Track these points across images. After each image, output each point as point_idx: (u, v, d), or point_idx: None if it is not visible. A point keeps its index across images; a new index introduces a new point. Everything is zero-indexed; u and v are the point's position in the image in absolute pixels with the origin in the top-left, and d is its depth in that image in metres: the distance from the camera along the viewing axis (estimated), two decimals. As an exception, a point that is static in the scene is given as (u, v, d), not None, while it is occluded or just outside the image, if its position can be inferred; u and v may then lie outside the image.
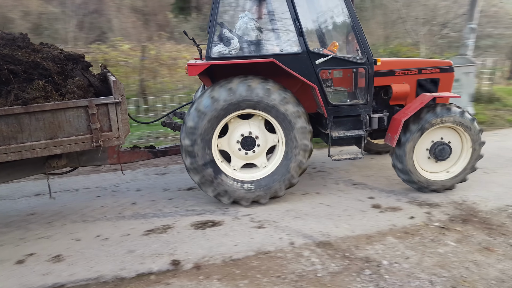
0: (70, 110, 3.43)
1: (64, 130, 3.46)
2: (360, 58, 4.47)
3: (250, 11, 4.53)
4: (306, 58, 4.29)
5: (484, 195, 4.70)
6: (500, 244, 3.60)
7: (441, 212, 4.26)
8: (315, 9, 4.87)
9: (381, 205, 4.43)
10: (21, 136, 3.31)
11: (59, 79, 3.56)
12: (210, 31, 4.11)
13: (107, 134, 3.61)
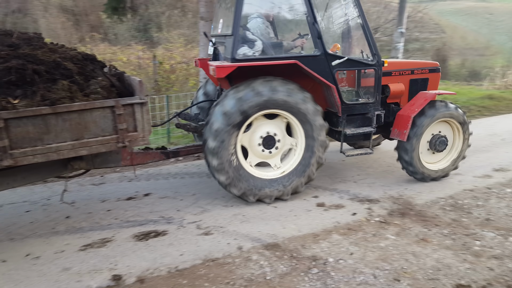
0: (97, 110, 3.34)
1: (90, 131, 3.37)
2: (371, 60, 4.74)
3: (262, 12, 4.68)
4: (324, 59, 4.49)
5: (418, 189, 4.99)
6: (435, 235, 3.83)
7: (380, 207, 4.45)
8: (327, 13, 5.00)
9: (325, 204, 4.52)
10: (47, 137, 3.19)
11: (80, 79, 3.47)
12: (235, 33, 4.16)
13: (132, 134, 3.56)
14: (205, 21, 7.16)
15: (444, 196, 4.74)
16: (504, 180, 5.25)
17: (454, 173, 5.50)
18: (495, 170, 5.65)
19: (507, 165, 5.85)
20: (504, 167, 5.74)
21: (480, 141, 7.11)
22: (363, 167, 5.85)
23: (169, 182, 5.25)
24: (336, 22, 5.00)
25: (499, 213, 4.27)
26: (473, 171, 5.59)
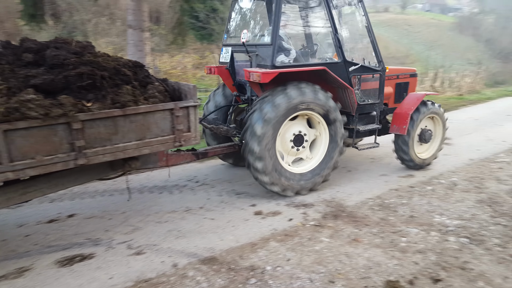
0: (159, 112, 3.66)
1: (152, 131, 3.66)
2: (378, 66, 5.47)
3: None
4: (343, 66, 5.10)
5: (349, 191, 5.20)
6: (365, 234, 3.99)
7: (315, 211, 4.55)
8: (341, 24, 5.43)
9: (262, 211, 4.53)
10: (115, 138, 3.44)
11: (137, 84, 3.72)
12: (274, 43, 4.60)
13: (187, 134, 3.89)
14: (133, 29, 6.92)
15: (372, 197, 4.98)
16: (424, 178, 5.66)
17: (380, 174, 5.84)
18: (417, 169, 6.08)
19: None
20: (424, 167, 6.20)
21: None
22: (298, 173, 5.97)
23: (96, 200, 4.91)
24: (347, 34, 5.49)
25: (421, 210, 4.58)
26: (397, 171, 5.95)
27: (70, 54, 3.50)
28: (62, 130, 3.16)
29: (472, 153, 7.00)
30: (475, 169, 6.11)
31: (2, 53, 3.55)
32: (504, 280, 3.18)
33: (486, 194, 5.04)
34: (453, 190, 5.20)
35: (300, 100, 4.64)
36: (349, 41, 5.44)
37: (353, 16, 5.49)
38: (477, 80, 20.53)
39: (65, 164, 3.24)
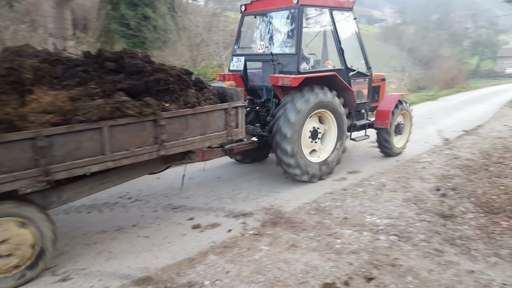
0: (217, 111, 4.31)
1: (211, 127, 4.29)
2: (367, 72, 6.63)
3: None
4: (345, 71, 6.11)
5: (287, 197, 5.28)
6: (303, 239, 4.06)
7: (254, 220, 4.55)
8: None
9: (201, 225, 4.43)
10: (185, 133, 4.03)
11: (196, 88, 4.33)
12: (298, 52, 5.50)
13: (235, 130, 4.55)
14: (55, 38, 6.50)
15: (309, 201, 5.10)
16: (356, 181, 5.93)
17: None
18: (349, 172, 6.36)
19: (358, 167, 6.64)
20: (356, 170, 6.50)
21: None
22: (237, 182, 5.96)
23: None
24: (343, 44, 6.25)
25: (354, 211, 4.77)
26: (331, 175, 6.16)
27: (145, 63, 4.08)
28: (149, 126, 3.74)
29: (399, 155, 7.47)
30: (401, 169, 6.52)
31: (85, 62, 4.01)
32: (429, 273, 3.39)
33: (412, 193, 5.39)
34: (382, 190, 5.49)
35: (319, 100, 5.53)
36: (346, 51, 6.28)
37: (348, 30, 6.46)
38: (401, 86, 22.12)
39: (150, 155, 3.81)
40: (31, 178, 3.08)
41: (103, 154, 3.44)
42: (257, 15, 6.60)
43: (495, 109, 15.16)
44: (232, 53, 6.67)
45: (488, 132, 10.07)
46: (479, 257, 3.66)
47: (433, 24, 46.19)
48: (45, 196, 3.50)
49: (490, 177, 6.01)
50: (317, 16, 6.00)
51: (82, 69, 3.87)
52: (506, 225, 4.31)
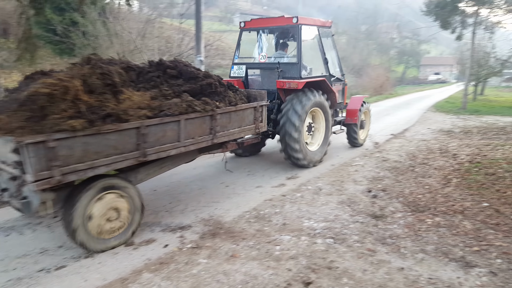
0: (249, 109, 5.49)
1: (245, 122, 5.43)
2: (342, 78, 8.24)
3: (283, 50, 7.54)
4: (329, 77, 7.49)
5: (227, 206, 5.22)
6: (243, 248, 4.02)
7: (192, 233, 4.42)
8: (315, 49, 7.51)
9: (134, 242, 4.20)
10: (229, 125, 5.16)
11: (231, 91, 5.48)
12: (299, 61, 6.71)
13: (261, 124, 5.76)
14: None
15: (249, 209, 5.09)
16: (294, 186, 6.04)
17: (256, 186, 6.04)
18: (288, 178, 6.47)
19: (296, 173, 6.78)
20: (294, 175, 6.63)
21: (275, 155, 8.05)
22: (175, 193, 5.78)
23: None
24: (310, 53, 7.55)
25: (293, 216, 4.84)
26: (270, 181, 6.23)
27: (196, 70, 5.16)
28: (208, 120, 4.79)
29: (334, 159, 7.76)
30: (336, 173, 6.77)
31: (151, 69, 4.96)
32: (363, 273, 3.52)
33: (346, 195, 5.60)
34: (318, 194, 5.64)
35: (316, 99, 6.83)
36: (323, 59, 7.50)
37: (328, 44, 7.79)
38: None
39: (206, 142, 4.87)
40: (134, 159, 4.01)
41: (178, 141, 4.46)
42: (258, 31, 7.62)
43: (419, 114, 16.42)
44: (233, 62, 7.67)
45: (413, 135, 10.85)
46: (408, 254, 3.88)
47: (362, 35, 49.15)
48: (127, 176, 4.30)
49: (416, 178, 6.44)
50: (308, 32, 7.15)
51: (153, 75, 4.87)
52: (431, 222, 4.62)
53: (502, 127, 12.45)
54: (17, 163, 3.27)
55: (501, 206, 5.06)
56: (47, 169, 3.29)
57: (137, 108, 4.03)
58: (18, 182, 3.48)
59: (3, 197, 3.79)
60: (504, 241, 4.12)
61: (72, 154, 3.46)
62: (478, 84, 26.01)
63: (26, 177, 3.26)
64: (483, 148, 8.68)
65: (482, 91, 30.14)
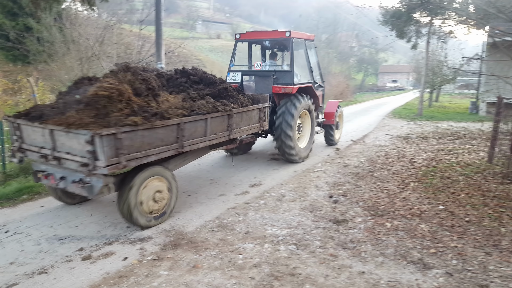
0: (256, 109, 6.48)
1: (252, 120, 6.42)
2: (323, 84, 9.29)
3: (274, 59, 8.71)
4: (313, 83, 8.44)
5: (189, 216, 5.13)
6: (205, 259, 3.95)
7: (153, 244, 4.30)
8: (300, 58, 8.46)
9: (92, 255, 4.03)
10: (240, 124, 6.06)
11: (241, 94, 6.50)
12: (292, 70, 7.68)
13: (264, 123, 6.70)
14: None
15: (212, 218, 5.02)
16: (258, 193, 6.04)
17: (219, 194, 5.99)
18: (251, 186, 6.46)
19: (260, 180, 6.79)
20: (257, 182, 6.64)
21: (239, 161, 8.03)
22: (135, 204, 5.60)
23: None
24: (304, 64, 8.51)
25: (256, 224, 4.82)
26: (234, 189, 6.20)
27: (213, 76, 6.18)
28: (226, 118, 5.61)
29: (296, 165, 7.85)
30: (298, 179, 6.84)
31: (177, 76, 5.98)
32: (325, 279, 3.55)
33: (308, 201, 5.67)
34: (282, 201, 5.67)
35: (306, 102, 7.88)
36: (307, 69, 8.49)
37: (312, 55, 8.80)
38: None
39: (224, 137, 5.69)
40: (174, 150, 4.81)
41: (205, 136, 5.29)
42: (251, 43, 8.72)
43: (378, 120, 16.98)
44: (228, 69, 8.40)
45: (372, 141, 11.20)
46: (368, 258, 3.96)
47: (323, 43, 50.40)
48: (164, 165, 5.01)
49: (375, 182, 6.63)
50: (297, 45, 8.10)
51: (181, 80, 5.86)
52: (390, 225, 4.77)
53: (456, 132, 13.13)
54: (89, 152, 3.92)
55: (456, 208, 5.30)
56: (115, 156, 4.05)
57: (175, 108, 4.89)
58: (88, 168, 4.03)
59: (59, 184, 4.58)
60: (459, 242, 4.31)
61: (132, 144, 4.23)
62: (433, 91, 27.31)
63: (99, 163, 3.95)
64: (438, 153, 9.11)
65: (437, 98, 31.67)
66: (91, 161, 3.96)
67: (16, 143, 4.80)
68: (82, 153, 4.04)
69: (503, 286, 3.44)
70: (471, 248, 4.16)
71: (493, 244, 4.26)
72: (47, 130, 4.25)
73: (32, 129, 4.52)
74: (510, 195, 5.61)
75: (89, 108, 4.20)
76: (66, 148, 4.20)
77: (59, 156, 4.31)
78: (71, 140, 4.09)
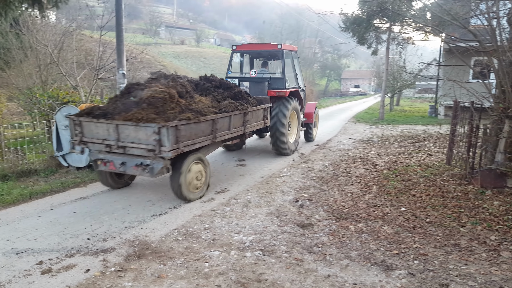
0: (261, 109, 8.03)
1: (258, 118, 7.94)
2: (304, 89, 10.77)
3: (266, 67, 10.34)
4: (298, 88, 9.98)
5: (154, 225, 5.02)
6: (170, 268, 3.88)
7: (116, 255, 4.17)
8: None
9: (52, 268, 3.86)
10: (251, 120, 7.49)
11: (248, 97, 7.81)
12: (284, 76, 9.27)
13: (267, 120, 8.38)
14: None
15: (177, 227, 4.94)
16: (224, 200, 6.01)
17: (184, 202, 5.89)
18: (217, 192, 6.43)
19: (226, 186, 6.76)
20: (223, 189, 6.61)
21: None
22: (97, 214, 5.43)
23: None
24: (289, 71, 9.80)
25: (222, 231, 4.79)
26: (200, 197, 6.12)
27: (229, 82, 7.67)
28: (243, 116, 7.12)
29: (262, 171, 7.90)
30: (265, 185, 6.88)
31: (202, 81, 7.28)
32: (292, 284, 3.58)
33: (274, 206, 5.70)
34: (248, 207, 5.68)
35: (294, 104, 9.44)
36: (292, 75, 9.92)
37: (297, 63, 10.35)
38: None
39: (241, 131, 7.17)
40: (210, 140, 6.13)
41: (229, 129, 6.67)
42: (246, 53, 10.31)
43: (341, 125, 17.41)
44: (226, 77, 9.65)
45: (336, 145, 11.46)
46: (333, 261, 4.03)
47: (288, 49, 51.13)
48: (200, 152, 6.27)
49: (339, 186, 6.78)
50: (286, 55, 9.55)
51: (208, 85, 7.13)
52: (354, 228, 4.88)
53: (416, 135, 13.67)
54: (156, 140, 5.15)
55: (417, 209, 5.51)
56: (176, 143, 5.31)
57: (208, 107, 6.18)
58: (154, 153, 5.25)
59: (120, 169, 5.73)
60: (421, 243, 4.47)
61: (185, 134, 5.50)
62: (394, 96, 28.36)
63: (164, 148, 5.18)
64: (399, 156, 9.44)
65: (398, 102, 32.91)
66: (157, 147, 5.18)
67: (76, 137, 5.83)
68: (148, 142, 5.26)
69: (463, 284, 3.59)
70: (432, 248, 4.32)
71: (453, 244, 4.45)
72: (113, 125, 5.40)
73: (95, 125, 5.61)
74: (467, 195, 5.87)
75: (151, 107, 5.40)
76: (131, 138, 5.37)
77: (123, 145, 5.45)
78: (138, 132, 5.28)
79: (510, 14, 6.21)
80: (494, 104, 6.33)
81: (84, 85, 12.02)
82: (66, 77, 11.38)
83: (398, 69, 24.60)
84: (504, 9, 6.59)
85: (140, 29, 60.48)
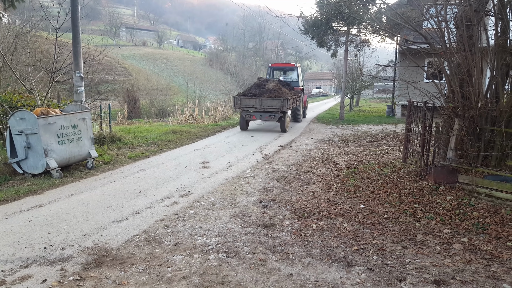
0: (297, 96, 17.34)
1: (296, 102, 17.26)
2: (303, 88, 19.76)
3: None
4: (302, 89, 19.37)
5: (114, 232, 4.89)
6: (132, 275, 3.79)
7: (75, 263, 4.03)
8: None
9: (6, 281, 3.66)
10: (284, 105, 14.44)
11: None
12: (298, 79, 18.89)
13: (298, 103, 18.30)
14: None
15: (139, 232, 4.84)
16: (187, 203, 5.96)
17: (146, 207, 5.79)
18: (181, 196, 6.36)
19: (190, 189, 6.70)
20: (187, 192, 6.54)
21: (168, 171, 7.86)
22: (54, 222, 5.21)
23: None
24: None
25: (185, 235, 4.75)
26: (163, 201, 6.04)
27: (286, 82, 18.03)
28: (296, 98, 17.02)
29: (226, 173, 7.90)
30: (229, 187, 6.89)
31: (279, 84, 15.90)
32: (255, 284, 3.61)
33: (238, 208, 5.72)
34: (212, 209, 5.66)
35: (303, 96, 19.30)
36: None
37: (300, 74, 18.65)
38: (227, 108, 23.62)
39: (294, 105, 16.89)
40: (290, 107, 15.54)
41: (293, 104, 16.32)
42: (275, 69, 19.74)
43: (304, 125, 17.73)
44: None
45: (299, 145, 11.66)
46: (296, 260, 4.11)
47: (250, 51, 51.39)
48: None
49: (302, 185, 6.91)
50: (297, 68, 18.98)
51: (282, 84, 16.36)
52: (315, 226, 4.99)
53: (374, 134, 14.17)
54: (281, 105, 14.11)
55: (375, 206, 5.71)
56: (285, 106, 14.39)
57: (287, 94, 15.01)
58: (280, 110, 14.25)
59: (259, 119, 14.90)
60: (379, 238, 4.65)
61: (288, 103, 14.84)
62: (353, 96, 29.23)
63: (284, 108, 14.20)
64: (358, 155, 9.75)
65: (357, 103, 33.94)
66: (281, 107, 14.05)
67: (237, 105, 14.83)
68: (277, 106, 14.06)
69: (418, 276, 3.77)
70: (390, 244, 4.51)
71: (409, 238, 4.66)
72: (258, 99, 14.29)
73: (249, 99, 14.48)
74: (422, 191, 6.15)
75: (274, 92, 14.44)
76: (269, 104, 14.17)
77: (264, 109, 14.26)
78: (273, 102, 14.11)
79: (457, 18, 6.59)
80: (445, 104, 6.69)
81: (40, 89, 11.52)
82: (20, 80, 10.86)
83: (357, 70, 25.43)
84: (451, 13, 6.98)
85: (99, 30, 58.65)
